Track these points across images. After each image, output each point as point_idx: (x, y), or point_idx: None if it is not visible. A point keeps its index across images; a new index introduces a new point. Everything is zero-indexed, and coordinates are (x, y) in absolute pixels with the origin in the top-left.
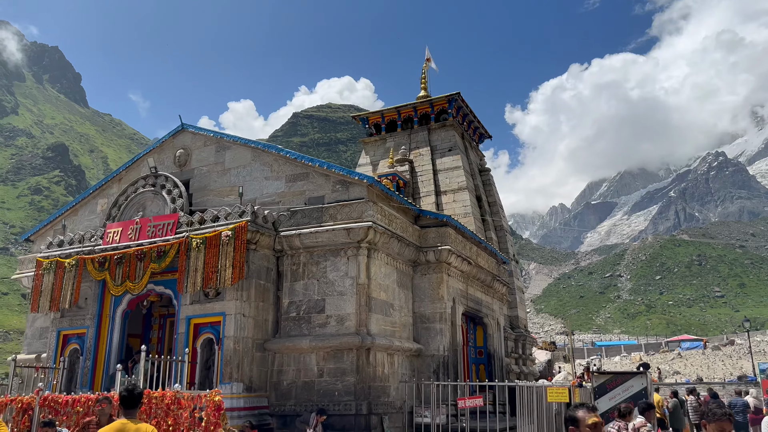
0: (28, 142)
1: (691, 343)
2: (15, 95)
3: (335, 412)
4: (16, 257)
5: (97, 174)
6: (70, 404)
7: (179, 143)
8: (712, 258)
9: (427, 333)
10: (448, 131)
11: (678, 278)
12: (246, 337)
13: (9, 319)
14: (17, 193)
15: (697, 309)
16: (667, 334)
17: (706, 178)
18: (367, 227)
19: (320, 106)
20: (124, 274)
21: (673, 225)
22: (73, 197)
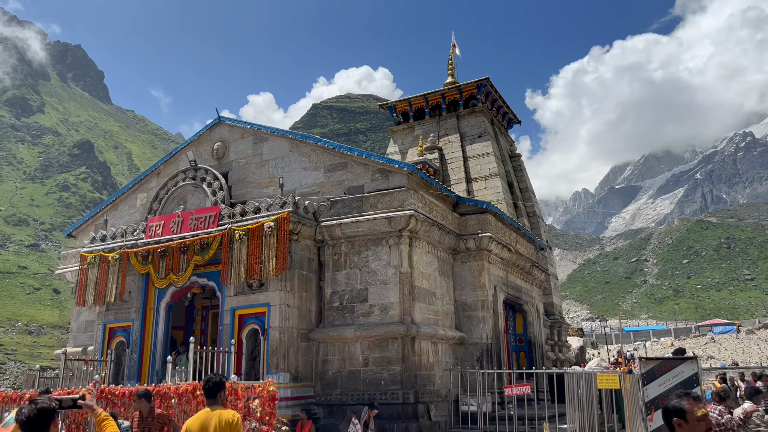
0: (55, 140)
1: (723, 328)
2: (41, 94)
3: (382, 401)
4: (46, 253)
5: (122, 170)
6: (127, 396)
7: (216, 136)
8: (741, 240)
9: (469, 321)
10: (477, 117)
11: (706, 261)
12: (291, 327)
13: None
14: (45, 191)
15: (726, 293)
16: (696, 319)
17: (734, 159)
18: (409, 216)
19: (339, 96)
20: (167, 267)
21: (700, 208)
22: (99, 193)
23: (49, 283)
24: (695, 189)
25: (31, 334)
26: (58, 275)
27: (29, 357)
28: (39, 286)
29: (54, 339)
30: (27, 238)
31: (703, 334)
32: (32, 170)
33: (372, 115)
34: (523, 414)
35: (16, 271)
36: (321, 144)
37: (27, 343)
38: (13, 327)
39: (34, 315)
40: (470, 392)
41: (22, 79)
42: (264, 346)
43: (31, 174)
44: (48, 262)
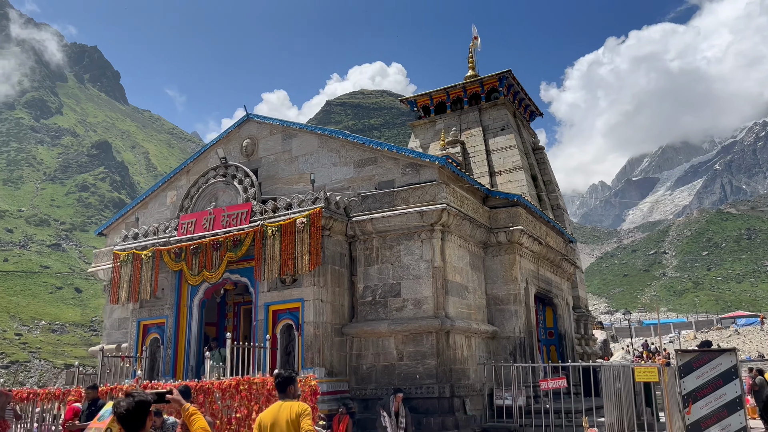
0: (73, 140)
1: (747, 320)
2: (59, 96)
3: (417, 396)
4: (68, 253)
5: (140, 169)
6: None
7: (245, 133)
8: (762, 231)
9: (501, 315)
10: (499, 110)
11: (726, 253)
12: (325, 322)
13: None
14: (65, 191)
15: (747, 284)
16: (717, 311)
17: (753, 149)
18: (441, 210)
19: (353, 92)
20: (200, 264)
21: (719, 199)
22: (118, 193)
23: (71, 282)
24: (714, 180)
25: (55, 333)
26: (89, 273)
27: (53, 355)
28: (61, 285)
29: (77, 337)
30: (48, 238)
31: (725, 327)
32: (52, 171)
33: (386, 110)
34: (559, 407)
35: (38, 270)
36: (351, 139)
37: (50, 341)
38: (37, 325)
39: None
40: (504, 386)
41: (40, 81)
42: (298, 341)
43: (50, 175)
44: (69, 262)
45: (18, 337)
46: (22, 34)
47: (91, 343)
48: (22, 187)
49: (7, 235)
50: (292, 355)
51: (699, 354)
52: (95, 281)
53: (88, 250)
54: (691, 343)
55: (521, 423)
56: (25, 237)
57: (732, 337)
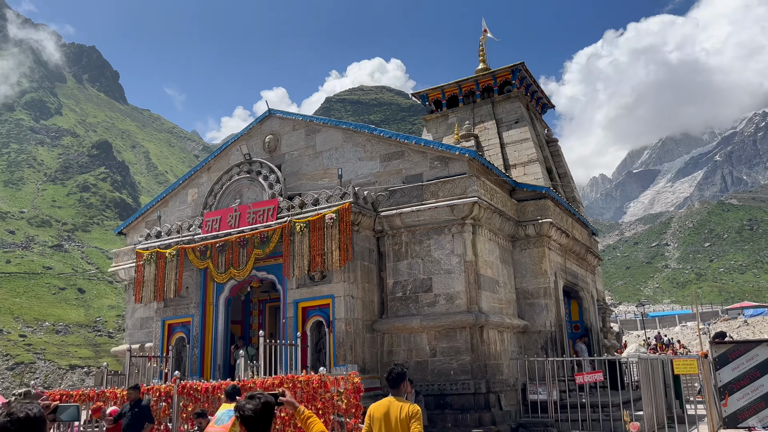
0: (74, 141)
1: (754, 310)
2: (58, 96)
3: (452, 392)
4: (70, 254)
5: (140, 169)
6: (210, 391)
7: (267, 129)
8: (764, 222)
9: (531, 309)
10: (513, 103)
11: (728, 244)
12: (356, 318)
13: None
14: (66, 192)
15: (750, 275)
16: (721, 302)
17: (754, 139)
18: (472, 203)
19: (352, 89)
20: (227, 262)
21: (720, 190)
22: (119, 193)
23: (74, 282)
24: (714, 171)
25: (59, 334)
26: (110, 273)
27: (58, 356)
28: (64, 286)
29: (81, 338)
30: (50, 239)
31: (732, 317)
32: (52, 172)
33: (386, 106)
34: (595, 401)
35: (41, 271)
36: (376, 133)
37: (55, 342)
38: (41, 327)
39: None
40: (538, 381)
41: (39, 81)
42: (330, 338)
43: (51, 175)
44: (72, 263)
45: (22, 339)
46: (20, 35)
47: (96, 344)
48: (23, 189)
49: (9, 236)
50: (323, 352)
51: (735, 345)
52: (98, 281)
53: (91, 251)
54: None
55: (556, 418)
56: (26, 238)
57: (741, 327)
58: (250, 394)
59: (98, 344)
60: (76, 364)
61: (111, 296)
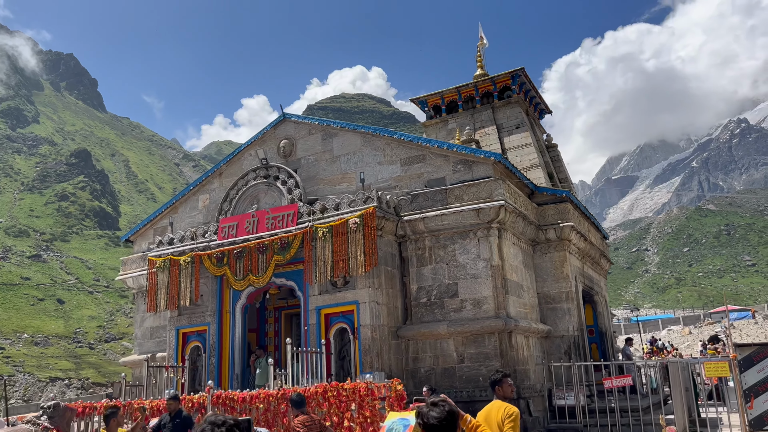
0: (51, 149)
1: (738, 314)
2: (35, 104)
3: (482, 398)
4: (49, 264)
5: (120, 177)
6: (248, 401)
7: (281, 133)
8: (741, 227)
9: (553, 314)
10: (513, 108)
11: (707, 249)
12: (382, 324)
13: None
14: (44, 201)
15: (728, 279)
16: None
17: (729, 146)
18: (499, 206)
19: (334, 96)
20: (245, 268)
21: (697, 196)
22: (98, 201)
23: (53, 293)
24: (692, 177)
25: (38, 345)
26: (118, 281)
27: (37, 368)
28: (43, 297)
29: (61, 349)
30: (28, 249)
31: (716, 321)
32: (30, 181)
33: (368, 114)
34: (625, 405)
35: (19, 282)
36: (396, 137)
37: (34, 354)
38: (19, 338)
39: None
40: (562, 386)
41: (15, 89)
42: (355, 345)
43: (29, 185)
44: (51, 273)
45: (0, 351)
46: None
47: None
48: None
49: None
50: (347, 359)
51: (759, 348)
52: (78, 292)
53: (70, 261)
54: (687, 338)
55: (585, 423)
56: (4, 248)
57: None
58: (433, 402)
59: (79, 356)
60: (56, 377)
61: (91, 307)
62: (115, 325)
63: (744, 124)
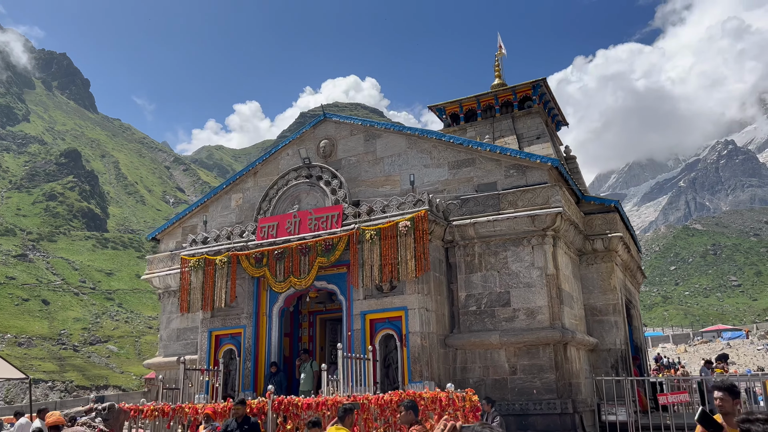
0: (41, 149)
1: (732, 333)
2: (26, 102)
3: (536, 412)
4: (35, 263)
5: (110, 178)
6: (314, 407)
7: (321, 134)
8: (727, 247)
9: (600, 326)
10: (533, 118)
11: (693, 268)
12: (431, 332)
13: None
14: (32, 200)
15: (714, 299)
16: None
17: (716, 167)
18: (556, 214)
19: (327, 105)
20: (286, 270)
21: (684, 215)
22: (87, 202)
23: (38, 294)
24: (679, 196)
25: (21, 346)
26: (143, 281)
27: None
28: (27, 297)
29: (44, 351)
30: (14, 248)
31: (709, 340)
32: (18, 179)
33: None
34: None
35: (3, 281)
36: (445, 139)
37: (18, 355)
38: (2, 339)
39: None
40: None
41: (6, 87)
42: (403, 352)
43: (17, 183)
44: (36, 273)
45: None
46: None
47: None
48: None
49: None
50: (392, 367)
51: None
52: (63, 293)
53: (56, 261)
54: (683, 356)
55: None
56: None
57: (724, 350)
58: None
59: (63, 358)
60: (39, 378)
61: (76, 308)
62: (101, 327)
63: (731, 146)
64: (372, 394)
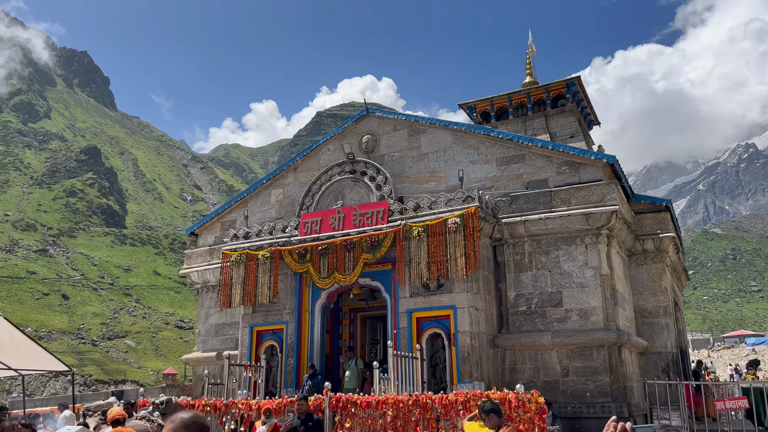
0: (62, 145)
1: (756, 339)
2: (47, 100)
3: (590, 415)
4: (55, 258)
5: (128, 176)
6: (373, 406)
7: (364, 128)
8: (747, 252)
9: (650, 329)
10: (567, 117)
11: (712, 273)
12: (480, 332)
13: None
14: (53, 196)
15: (733, 304)
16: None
17: (736, 170)
18: (611, 212)
19: (343, 105)
20: (330, 266)
21: (703, 219)
22: (106, 199)
23: (57, 288)
24: (697, 200)
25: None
26: (181, 275)
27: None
28: (48, 292)
29: (64, 345)
30: (35, 243)
31: (732, 345)
32: (39, 175)
33: None
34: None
35: (24, 276)
36: (493, 135)
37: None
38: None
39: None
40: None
41: (28, 84)
42: (451, 352)
43: (38, 179)
44: (56, 268)
45: None
46: (8, 33)
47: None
48: (8, 191)
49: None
50: (439, 367)
51: None
52: (82, 288)
53: (75, 257)
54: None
55: None
56: (11, 242)
57: (750, 356)
58: None
59: (82, 352)
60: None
61: (95, 303)
62: (119, 323)
63: (752, 149)
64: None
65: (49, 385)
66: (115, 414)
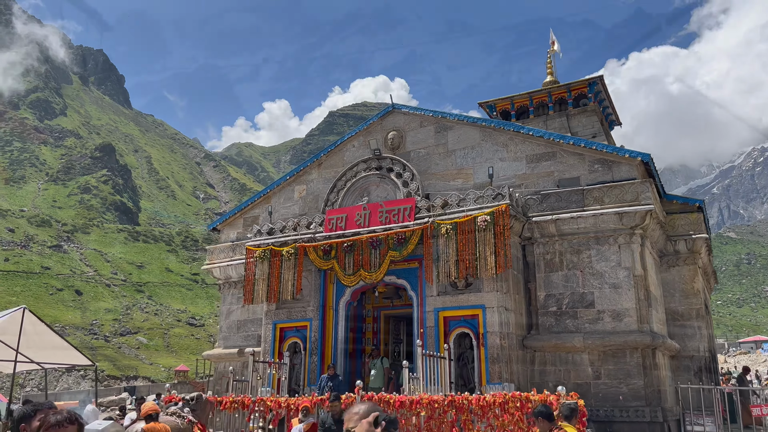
0: (77, 142)
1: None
2: (63, 97)
3: (622, 419)
4: (69, 254)
5: (142, 173)
6: (407, 405)
7: (389, 125)
8: (762, 256)
9: (681, 331)
10: (589, 117)
11: (726, 277)
12: (510, 332)
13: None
14: (67, 192)
15: (748, 309)
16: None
17: (752, 174)
18: (646, 212)
19: (356, 104)
20: (356, 263)
21: (717, 223)
22: (120, 196)
23: (71, 284)
24: (712, 204)
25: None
26: (204, 271)
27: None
28: (61, 287)
29: (77, 340)
30: (50, 239)
31: (748, 350)
32: (54, 172)
33: None
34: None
35: (39, 271)
36: (523, 132)
37: None
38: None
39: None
40: (693, 410)
41: (45, 81)
42: (480, 352)
43: (53, 176)
44: (70, 264)
45: None
46: (25, 31)
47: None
48: (24, 187)
49: (8, 234)
50: (467, 367)
51: None
52: (95, 284)
53: (89, 253)
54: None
55: None
56: (26, 237)
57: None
58: None
59: (94, 347)
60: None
61: (108, 300)
62: (131, 319)
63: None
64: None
65: (62, 380)
66: (149, 409)
